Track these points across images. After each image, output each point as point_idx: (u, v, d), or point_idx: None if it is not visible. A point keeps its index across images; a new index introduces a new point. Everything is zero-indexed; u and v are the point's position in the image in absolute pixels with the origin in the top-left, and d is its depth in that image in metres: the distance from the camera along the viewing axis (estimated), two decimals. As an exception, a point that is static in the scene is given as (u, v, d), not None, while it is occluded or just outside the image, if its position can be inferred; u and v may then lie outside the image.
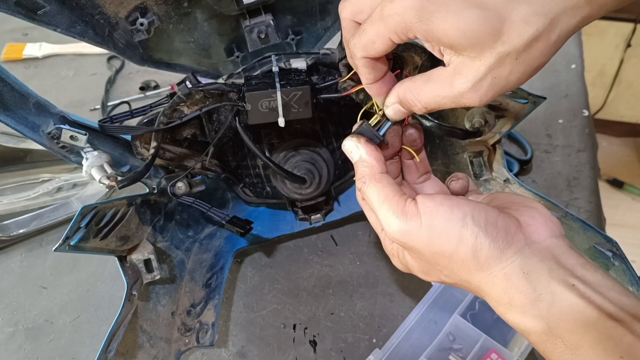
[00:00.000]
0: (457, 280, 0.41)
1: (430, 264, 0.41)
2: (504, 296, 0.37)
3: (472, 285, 0.40)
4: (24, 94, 0.51)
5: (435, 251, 0.39)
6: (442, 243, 0.39)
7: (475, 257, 0.38)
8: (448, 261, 0.39)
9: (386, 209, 0.41)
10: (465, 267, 0.39)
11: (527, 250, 0.38)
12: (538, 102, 0.56)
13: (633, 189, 2.22)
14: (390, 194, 0.42)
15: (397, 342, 0.68)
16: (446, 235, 0.39)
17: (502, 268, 0.37)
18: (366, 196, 0.43)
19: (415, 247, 0.40)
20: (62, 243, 0.52)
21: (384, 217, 0.41)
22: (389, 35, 0.38)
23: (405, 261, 0.45)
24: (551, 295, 0.35)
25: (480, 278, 0.38)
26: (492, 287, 0.38)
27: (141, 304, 0.65)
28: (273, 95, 0.53)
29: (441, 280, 0.43)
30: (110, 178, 0.55)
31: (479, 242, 0.38)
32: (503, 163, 0.67)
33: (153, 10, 0.55)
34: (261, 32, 0.60)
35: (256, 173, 0.74)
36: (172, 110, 0.57)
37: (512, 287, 0.37)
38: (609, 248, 0.54)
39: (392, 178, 0.45)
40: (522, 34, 0.34)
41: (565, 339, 0.35)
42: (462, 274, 0.39)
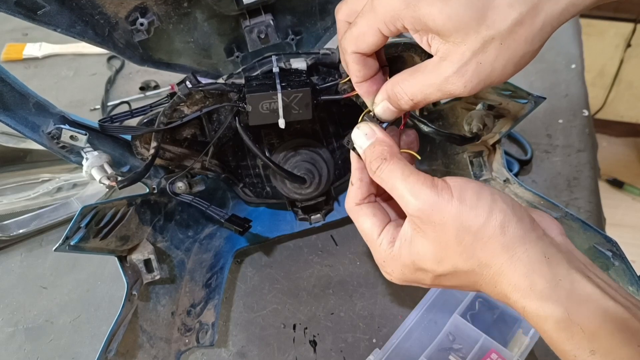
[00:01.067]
0: (475, 266, 0.39)
1: (449, 246, 0.39)
2: (525, 280, 0.36)
3: (490, 271, 0.38)
4: (24, 94, 0.51)
5: (464, 225, 0.38)
6: (471, 216, 0.38)
7: (503, 233, 0.38)
8: (473, 238, 0.38)
9: (414, 180, 0.40)
10: (489, 246, 0.38)
11: (546, 239, 0.38)
12: (538, 102, 0.56)
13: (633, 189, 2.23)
14: (415, 170, 0.42)
15: (397, 342, 0.68)
16: (476, 209, 0.38)
17: (526, 249, 0.37)
18: (387, 173, 0.42)
19: (442, 220, 0.39)
20: (62, 243, 0.52)
21: (412, 188, 0.40)
22: (378, 25, 0.38)
23: (413, 257, 0.42)
24: (570, 283, 0.36)
25: (503, 260, 0.37)
26: (514, 270, 0.37)
27: (141, 304, 0.65)
28: (274, 97, 0.53)
29: (455, 268, 0.40)
30: (111, 178, 0.55)
31: (507, 218, 0.38)
32: (503, 163, 0.67)
33: (153, 10, 0.55)
34: (261, 32, 0.60)
35: (256, 173, 0.74)
36: (172, 111, 0.57)
37: (534, 271, 0.36)
38: (608, 248, 0.54)
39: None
40: (505, 18, 0.35)
41: (584, 327, 0.34)
42: (484, 255, 0.38)
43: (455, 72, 0.37)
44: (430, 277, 0.42)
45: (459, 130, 0.67)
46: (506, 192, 0.68)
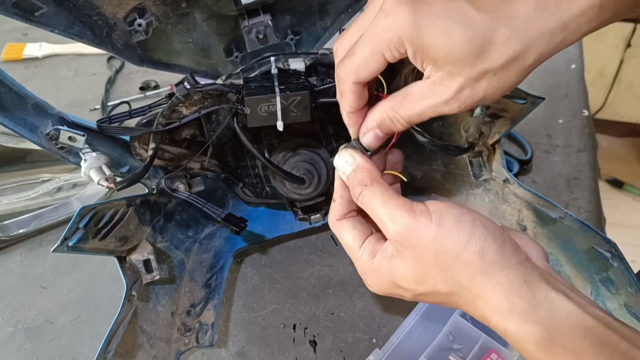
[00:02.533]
0: (454, 287, 0.40)
1: (428, 269, 0.40)
2: (505, 302, 0.37)
3: (469, 293, 0.39)
4: (22, 95, 0.51)
5: (443, 249, 0.39)
6: (450, 241, 0.39)
7: (482, 259, 0.38)
8: (453, 261, 0.39)
9: (393, 205, 0.41)
10: (468, 270, 0.39)
11: (527, 263, 0.39)
12: (537, 102, 0.56)
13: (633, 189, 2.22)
14: (395, 195, 0.42)
15: (397, 342, 0.68)
16: (456, 233, 0.39)
17: (506, 275, 0.38)
18: (368, 199, 0.43)
19: (421, 244, 0.40)
20: (61, 244, 0.52)
21: (390, 213, 0.41)
22: (382, 51, 0.39)
23: (392, 275, 0.43)
24: (550, 303, 0.36)
25: (482, 283, 0.38)
26: (493, 293, 0.38)
27: (141, 304, 0.65)
28: (272, 99, 0.53)
29: (435, 289, 0.41)
30: (109, 180, 0.55)
31: (487, 245, 0.38)
32: (502, 163, 0.67)
33: (151, 11, 0.55)
34: (260, 32, 0.60)
35: (256, 173, 0.74)
36: (170, 111, 0.57)
37: (514, 293, 0.37)
38: (607, 249, 0.54)
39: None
40: (501, 55, 0.37)
41: (566, 346, 0.35)
42: (463, 278, 0.39)
43: (452, 98, 0.39)
44: (410, 294, 0.43)
45: (458, 130, 0.67)
46: (505, 192, 0.68)
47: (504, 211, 0.70)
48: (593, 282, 0.58)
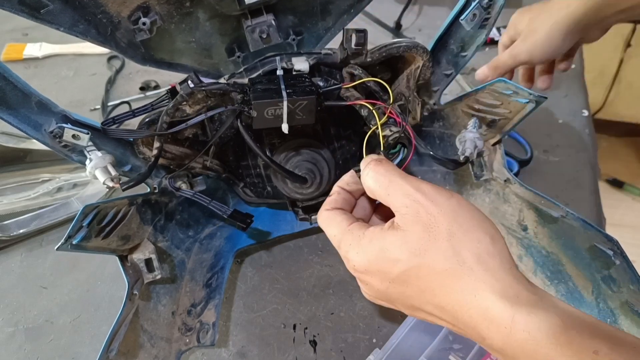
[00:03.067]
0: (457, 265, 0.37)
1: (437, 239, 0.39)
2: (511, 289, 0.36)
3: (472, 274, 0.37)
4: (26, 93, 0.51)
5: (458, 221, 0.39)
6: (468, 217, 0.40)
7: (492, 243, 0.39)
8: (463, 236, 0.38)
9: (411, 178, 0.42)
10: (478, 248, 0.38)
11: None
12: (539, 101, 0.56)
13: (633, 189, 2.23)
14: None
15: (397, 342, 0.68)
16: (471, 212, 0.40)
17: (510, 267, 0.38)
18: (385, 169, 0.44)
19: (438, 212, 0.39)
20: (65, 242, 0.52)
21: (412, 181, 0.42)
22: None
23: (385, 241, 0.41)
24: (551, 301, 0.36)
25: (489, 265, 0.37)
26: (499, 278, 0.37)
27: (142, 304, 0.65)
28: (279, 103, 0.53)
29: (431, 263, 0.38)
30: (114, 180, 0.55)
31: (497, 237, 0.39)
32: (503, 163, 0.67)
33: (155, 9, 0.55)
34: (262, 32, 0.60)
35: (257, 173, 0.74)
36: (174, 110, 0.57)
37: (520, 283, 0.37)
38: (609, 247, 0.54)
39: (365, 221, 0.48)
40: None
41: (580, 330, 0.34)
42: (471, 256, 0.38)
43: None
44: (397, 270, 0.40)
45: (459, 130, 0.67)
46: (506, 192, 0.68)
47: (504, 211, 0.70)
48: (594, 281, 0.58)
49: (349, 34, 0.56)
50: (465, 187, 0.75)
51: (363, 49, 0.57)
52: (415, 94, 0.66)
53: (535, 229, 0.66)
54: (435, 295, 0.39)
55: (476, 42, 0.60)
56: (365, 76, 0.58)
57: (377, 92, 0.57)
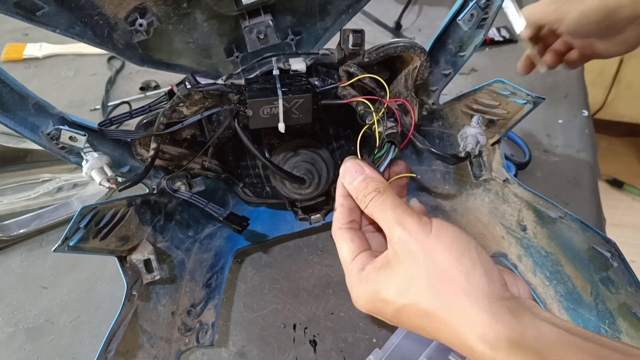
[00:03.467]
0: (436, 307, 0.39)
1: (416, 278, 0.40)
2: (490, 330, 0.37)
3: (451, 317, 0.38)
4: (23, 95, 0.51)
5: (434, 261, 0.40)
6: (443, 255, 0.40)
7: (467, 280, 0.38)
8: (439, 275, 0.39)
9: (402, 211, 0.42)
10: (452, 287, 0.39)
11: (512, 299, 0.39)
12: (537, 102, 0.56)
13: (633, 189, 2.23)
14: (404, 204, 0.44)
15: (397, 342, 0.68)
16: (449, 249, 0.40)
17: (489, 302, 0.38)
18: (379, 204, 0.44)
19: (417, 251, 0.40)
20: (61, 244, 0.52)
21: (399, 217, 0.42)
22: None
23: (377, 284, 0.43)
24: (537, 329, 0.36)
25: (465, 306, 0.38)
26: (477, 320, 0.37)
27: (141, 304, 0.65)
28: (275, 102, 0.53)
29: (416, 303, 0.40)
30: (110, 180, 0.55)
31: (475, 269, 0.39)
32: (503, 163, 0.67)
33: (152, 11, 0.55)
34: (260, 32, 0.60)
35: (256, 173, 0.74)
36: (171, 111, 0.57)
37: (498, 320, 0.37)
38: (607, 249, 0.54)
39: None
40: None
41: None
42: (447, 298, 0.39)
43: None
44: (390, 311, 0.42)
45: (457, 130, 0.67)
46: (505, 192, 0.68)
47: (504, 211, 0.70)
48: (593, 282, 0.58)
49: (346, 34, 0.56)
50: (464, 187, 0.75)
51: (360, 49, 0.57)
52: (413, 94, 0.65)
53: (535, 229, 0.66)
54: (427, 332, 0.41)
55: (474, 42, 0.60)
56: (360, 73, 0.57)
57: (373, 88, 0.57)
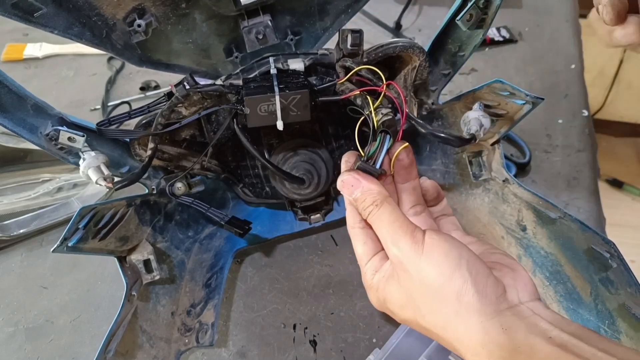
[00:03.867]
0: (432, 325, 0.40)
1: (412, 297, 0.41)
2: (482, 350, 0.37)
3: (447, 334, 0.39)
4: (21, 96, 0.51)
5: (426, 282, 0.40)
6: (433, 276, 0.40)
7: (458, 300, 0.38)
8: (432, 296, 0.40)
9: (397, 226, 0.42)
10: (445, 308, 0.39)
11: (507, 312, 0.38)
12: (536, 102, 0.56)
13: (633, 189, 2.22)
14: (401, 216, 0.44)
15: (397, 342, 0.68)
16: (439, 268, 0.40)
17: (481, 321, 0.38)
18: (375, 219, 0.44)
19: (410, 270, 0.41)
20: (60, 244, 0.52)
21: (393, 236, 0.42)
22: None
23: (385, 294, 0.44)
24: (529, 347, 0.36)
25: (457, 325, 0.38)
26: (470, 338, 0.38)
27: (141, 304, 0.65)
28: (271, 99, 0.53)
29: (415, 320, 0.42)
30: (107, 179, 0.55)
31: (466, 287, 0.39)
32: (502, 163, 0.67)
33: (151, 11, 0.55)
34: (259, 32, 0.60)
35: (255, 173, 0.74)
36: (170, 112, 0.57)
37: (490, 341, 0.37)
38: (606, 249, 0.54)
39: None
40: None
41: None
42: (440, 317, 0.39)
43: None
44: (398, 319, 0.45)
45: (458, 130, 0.67)
46: (505, 192, 0.68)
47: (503, 211, 0.70)
48: (593, 283, 0.58)
49: (344, 34, 0.56)
50: (464, 187, 0.75)
51: (359, 50, 0.57)
52: (412, 94, 0.65)
53: (534, 230, 0.66)
54: (432, 338, 0.43)
55: (473, 42, 0.59)
56: (356, 66, 0.57)
57: (370, 79, 0.57)
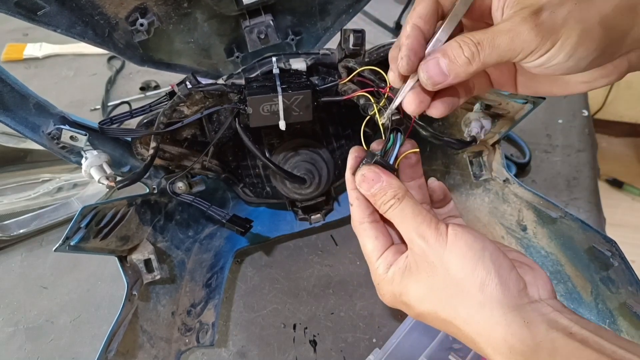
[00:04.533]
0: (453, 317, 0.40)
1: (433, 289, 0.41)
2: (504, 344, 0.37)
3: (467, 327, 0.39)
4: (24, 95, 0.51)
5: (449, 273, 0.39)
6: (457, 266, 0.39)
7: (481, 291, 0.38)
8: (455, 287, 0.39)
9: (421, 220, 0.42)
10: (467, 301, 0.39)
11: (528, 307, 0.38)
12: (537, 102, 0.56)
13: (633, 189, 2.22)
14: (424, 210, 0.43)
15: (397, 342, 0.68)
16: (462, 259, 0.39)
17: (504, 313, 0.37)
18: (399, 212, 0.43)
19: (434, 262, 0.40)
20: (62, 243, 0.52)
21: (418, 226, 0.41)
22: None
23: (401, 287, 0.43)
24: (551, 343, 0.36)
25: (479, 317, 0.38)
26: (492, 332, 0.37)
27: (141, 304, 0.65)
28: (274, 99, 0.53)
29: (434, 312, 0.41)
30: (109, 178, 0.55)
31: (489, 278, 0.38)
32: (503, 163, 0.67)
33: (153, 10, 0.55)
34: (261, 32, 0.60)
35: (256, 173, 0.74)
36: (171, 111, 0.57)
37: (512, 334, 0.37)
38: (608, 248, 0.54)
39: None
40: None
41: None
42: (462, 309, 0.39)
43: (532, 23, 0.35)
44: (412, 313, 0.43)
45: (458, 130, 0.67)
46: (505, 192, 0.68)
47: (503, 211, 0.70)
48: (593, 282, 0.58)
49: (346, 34, 0.56)
50: (464, 187, 0.75)
51: (361, 49, 0.57)
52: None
53: (535, 229, 0.66)
54: (448, 333, 0.42)
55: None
56: (359, 67, 0.57)
57: (373, 80, 0.57)
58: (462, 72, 0.37)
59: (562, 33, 0.34)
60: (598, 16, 0.34)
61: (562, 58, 0.35)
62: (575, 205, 0.87)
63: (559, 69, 0.36)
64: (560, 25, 0.34)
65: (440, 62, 0.38)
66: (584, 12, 0.34)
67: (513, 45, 0.35)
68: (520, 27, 0.35)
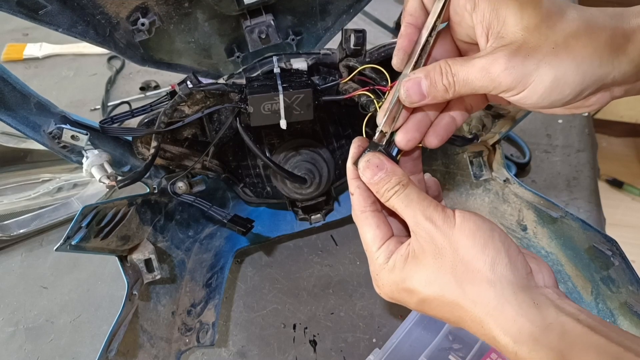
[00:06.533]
0: (461, 298, 0.39)
1: (442, 270, 0.40)
2: (514, 324, 0.37)
3: (476, 308, 0.38)
4: (25, 94, 0.51)
5: (458, 253, 0.39)
6: (467, 246, 0.39)
7: (492, 270, 0.38)
8: (464, 267, 0.39)
9: (428, 203, 0.41)
10: (477, 280, 0.38)
11: (536, 289, 0.38)
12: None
13: (633, 189, 2.22)
14: (428, 196, 0.43)
15: (397, 342, 0.68)
16: (472, 239, 0.39)
17: (514, 292, 0.37)
18: (403, 198, 0.43)
19: (442, 244, 0.40)
20: (64, 243, 0.52)
21: (425, 209, 0.41)
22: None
23: (403, 274, 0.43)
24: (561, 325, 0.36)
25: (490, 299, 0.38)
26: (502, 312, 0.37)
27: (142, 304, 0.65)
28: (275, 98, 0.53)
29: (442, 294, 0.40)
30: (110, 177, 0.55)
31: (499, 257, 0.38)
32: (503, 163, 0.67)
33: (154, 10, 0.55)
34: (262, 32, 0.60)
35: (256, 173, 0.74)
36: (172, 110, 0.57)
37: (523, 314, 0.36)
38: (608, 247, 0.54)
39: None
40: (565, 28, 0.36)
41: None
42: (471, 289, 0.39)
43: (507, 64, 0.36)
44: (415, 300, 0.43)
45: (459, 130, 0.67)
46: (506, 192, 0.68)
47: (504, 211, 0.70)
48: (594, 281, 0.58)
49: (347, 34, 0.56)
50: (465, 187, 0.75)
51: (362, 49, 0.57)
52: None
53: (535, 229, 0.66)
54: (450, 321, 0.41)
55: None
56: (360, 66, 0.57)
57: (374, 79, 0.57)
58: (440, 96, 0.40)
59: (533, 78, 0.36)
60: (574, 62, 0.35)
61: (535, 100, 0.37)
62: (575, 205, 0.87)
63: (534, 107, 0.38)
64: (534, 70, 0.36)
65: (422, 83, 0.40)
66: (560, 57, 0.36)
67: (485, 83, 0.37)
68: (493, 67, 0.36)
